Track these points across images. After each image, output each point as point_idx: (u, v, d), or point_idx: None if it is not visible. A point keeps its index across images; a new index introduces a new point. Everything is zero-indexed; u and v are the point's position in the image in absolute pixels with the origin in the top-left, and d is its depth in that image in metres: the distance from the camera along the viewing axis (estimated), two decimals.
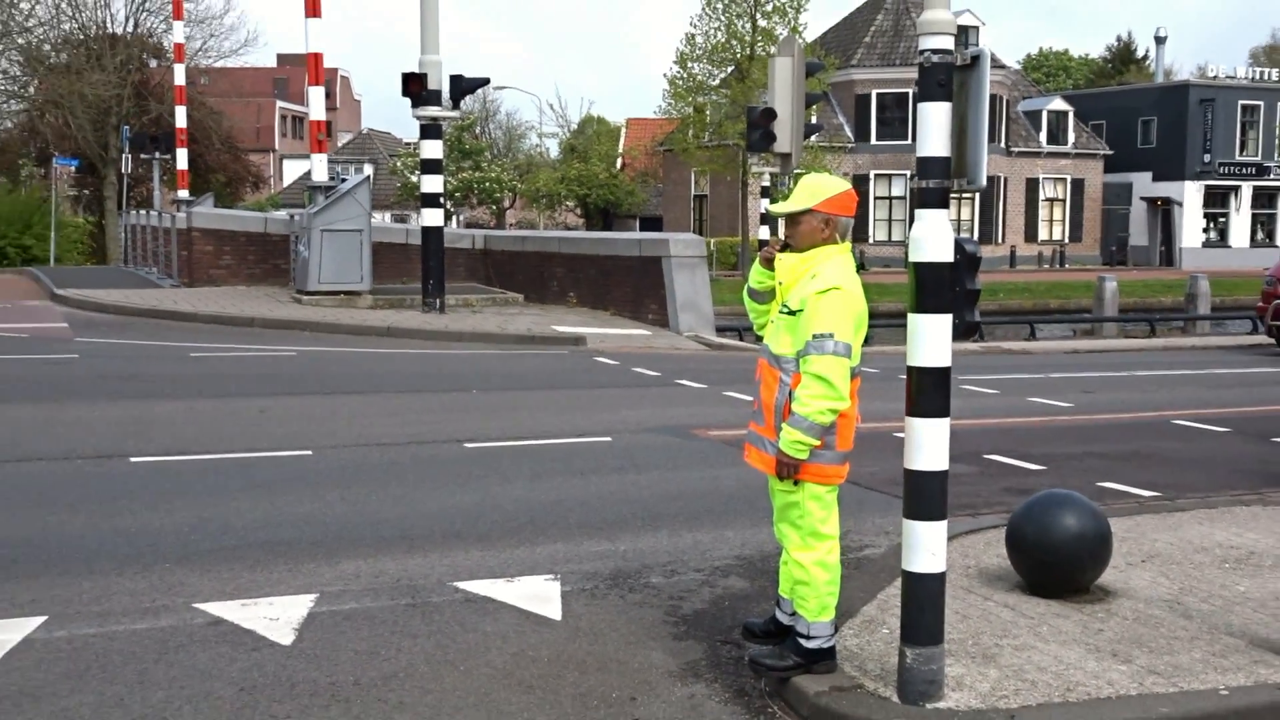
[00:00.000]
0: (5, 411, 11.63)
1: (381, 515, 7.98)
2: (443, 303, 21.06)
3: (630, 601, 6.34)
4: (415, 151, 25.64)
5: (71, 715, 4.82)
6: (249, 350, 16.82)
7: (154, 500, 8.26)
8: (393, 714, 4.90)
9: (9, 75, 53.48)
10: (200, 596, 6.21)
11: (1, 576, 6.48)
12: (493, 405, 12.78)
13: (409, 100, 20.75)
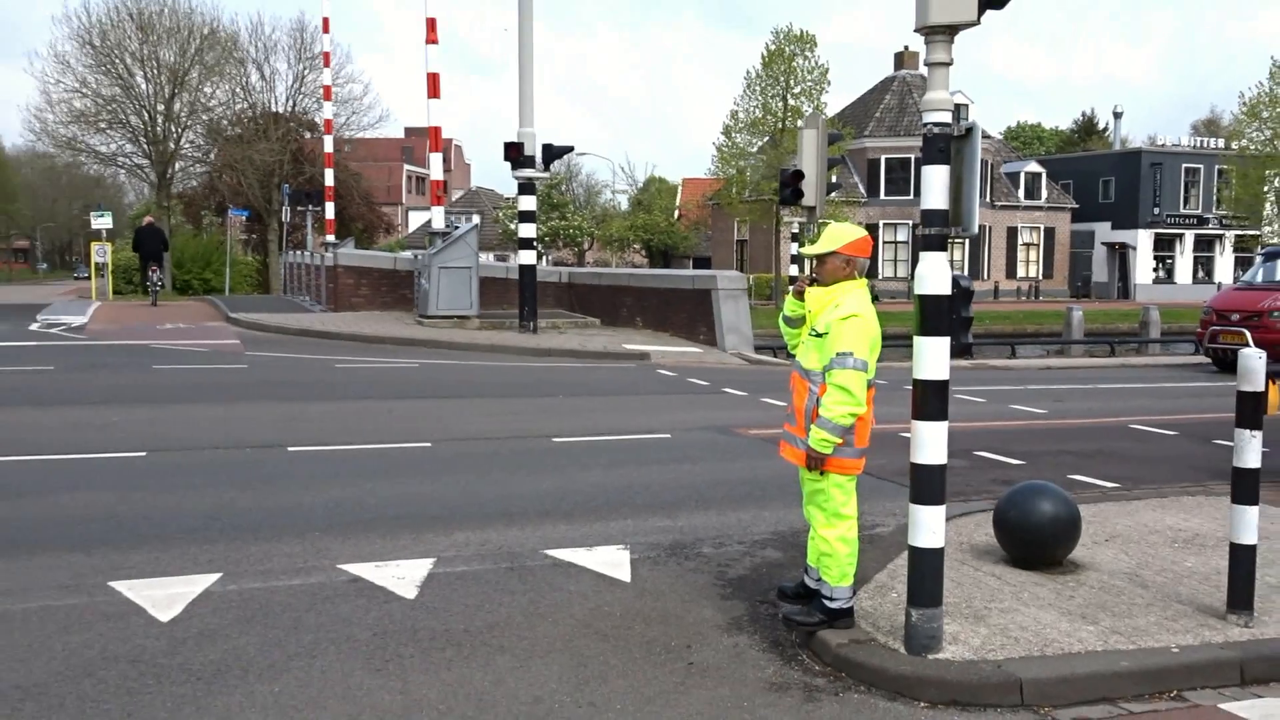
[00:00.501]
0: (191, 410, 11.80)
1: (486, 495, 8.00)
2: (535, 325, 21.13)
3: (686, 568, 6.30)
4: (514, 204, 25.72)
5: (240, 651, 4.86)
6: (381, 362, 16.95)
7: (306, 482, 8.33)
8: (495, 656, 4.90)
9: (196, 145, 54.45)
10: (342, 559, 6.25)
11: (186, 541, 6.56)
12: (574, 408, 12.79)
13: (509, 163, 20.83)
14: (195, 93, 51.73)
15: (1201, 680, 4.72)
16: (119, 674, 4.58)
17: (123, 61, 49.91)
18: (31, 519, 6.98)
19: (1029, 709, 4.48)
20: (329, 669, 4.70)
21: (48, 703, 4.30)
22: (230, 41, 52.02)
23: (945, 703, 4.51)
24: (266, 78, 53.24)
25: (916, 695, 4.56)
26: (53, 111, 50.38)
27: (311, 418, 11.41)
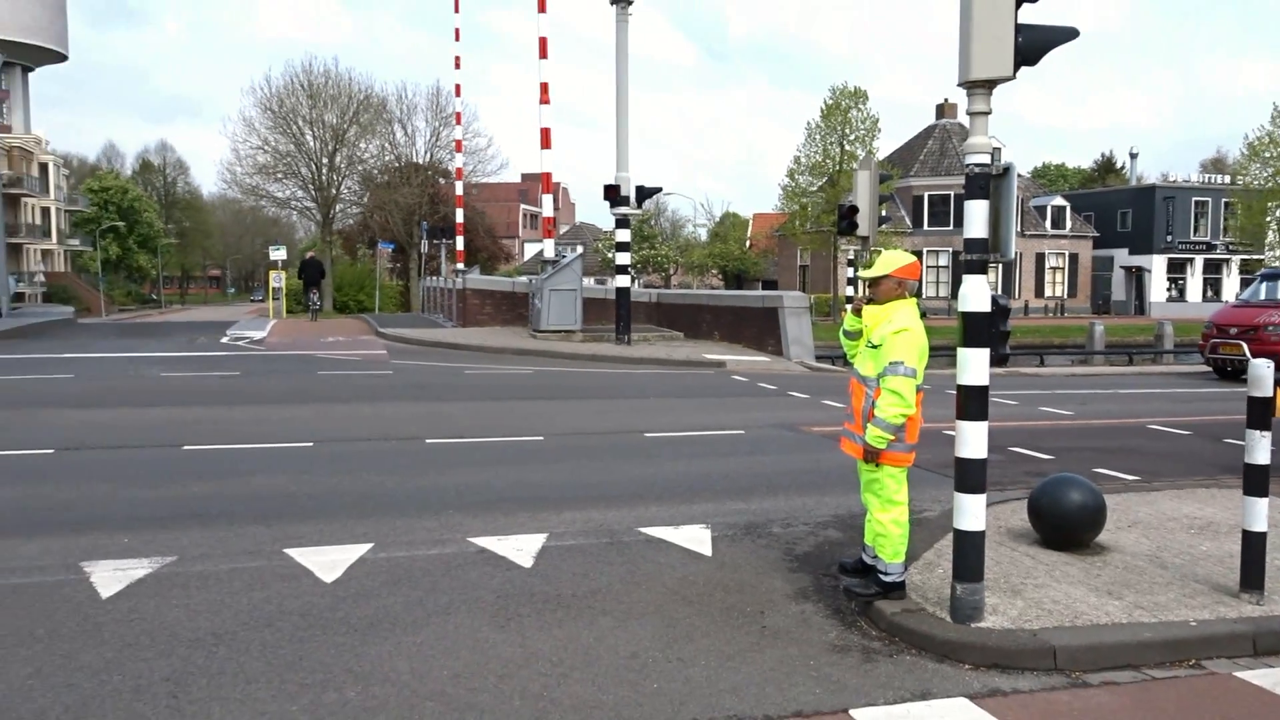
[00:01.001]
0: (348, 408, 12.02)
1: (589, 481, 8.01)
2: (629, 338, 21.14)
3: (759, 544, 6.23)
4: (611, 236, 25.75)
5: (389, 609, 4.93)
6: (501, 369, 17.12)
7: (441, 468, 8.42)
8: (598, 617, 4.89)
9: (352, 190, 55.74)
10: (472, 533, 6.30)
11: (345, 516, 6.67)
12: (662, 408, 12.76)
13: (608, 202, 20.91)
14: (352, 147, 53.04)
15: (1217, 650, 4.52)
16: (292, 625, 4.67)
17: (295, 123, 51.38)
18: (226, 496, 7.17)
19: (1061, 672, 4.33)
20: (461, 625, 4.74)
21: (237, 647, 4.40)
22: (380, 105, 53.20)
23: (987, 665, 4.38)
24: (409, 134, 54.29)
25: (961, 658, 4.43)
26: (240, 165, 52.11)
27: (445, 415, 11.56)
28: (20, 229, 65.55)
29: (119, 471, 7.97)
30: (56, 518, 6.45)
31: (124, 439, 9.43)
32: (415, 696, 3.96)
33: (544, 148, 22.98)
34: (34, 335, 24.14)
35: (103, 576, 5.26)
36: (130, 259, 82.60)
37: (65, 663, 4.19)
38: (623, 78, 20.82)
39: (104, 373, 15.41)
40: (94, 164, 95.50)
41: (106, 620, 4.68)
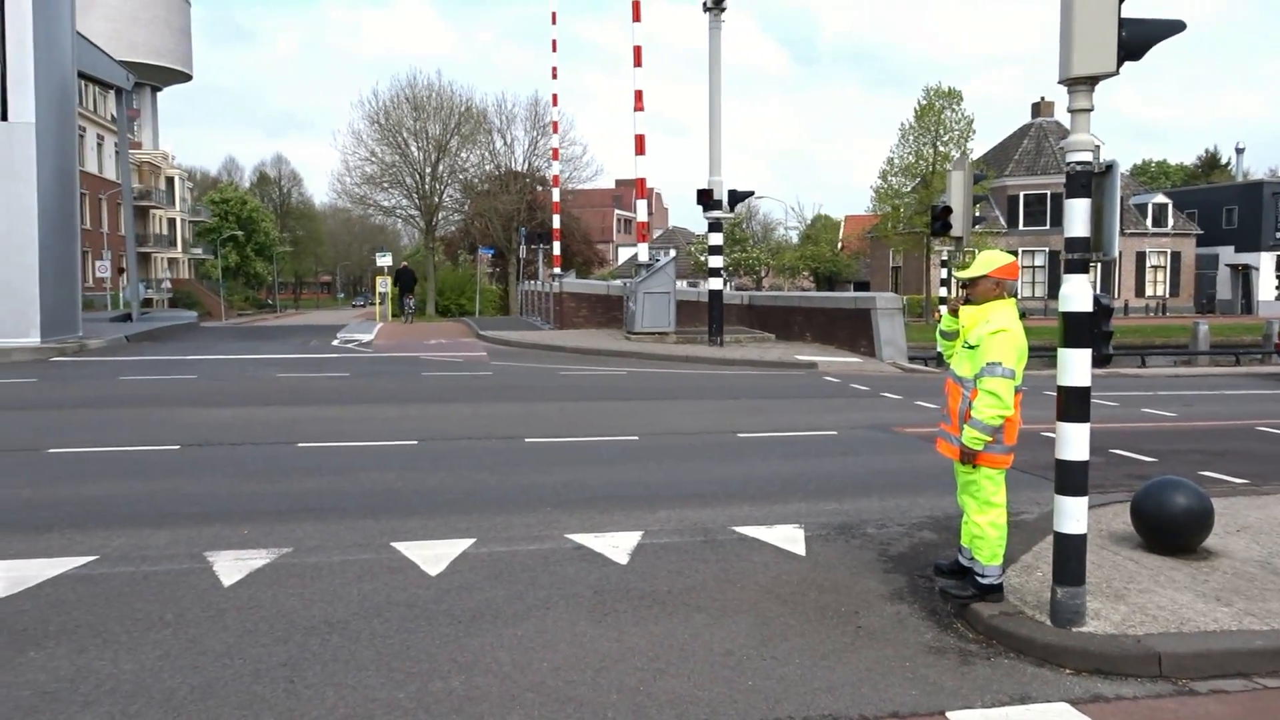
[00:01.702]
0: (450, 408, 12.25)
1: (683, 480, 7.99)
2: (721, 339, 21.06)
3: (852, 545, 6.13)
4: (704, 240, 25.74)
5: (490, 602, 4.99)
6: (596, 370, 17.25)
7: (539, 466, 8.50)
8: (693, 614, 4.87)
9: (454, 198, 56.90)
10: (569, 530, 6.34)
11: (448, 512, 6.80)
12: (754, 408, 12.67)
13: (701, 206, 20.89)
14: (454, 157, 54.16)
15: None
16: (399, 615, 4.78)
17: (400, 135, 52.69)
18: (337, 491, 7.38)
19: (1167, 680, 4.15)
20: (559, 619, 4.78)
21: (348, 635, 4.52)
22: (481, 116, 54.18)
23: (1088, 671, 4.22)
24: (508, 143, 55.16)
25: (1061, 663, 4.28)
26: (349, 176, 53.72)
27: (543, 414, 11.68)
28: (149, 239, 68.77)
29: (239, 467, 8.28)
30: (183, 510, 6.73)
31: (243, 436, 9.79)
32: (516, 687, 4.00)
33: (638, 154, 23.08)
34: (161, 338, 25.28)
35: (225, 566, 5.47)
36: (248, 266, 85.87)
37: (191, 646, 4.36)
38: (715, 83, 20.77)
39: (225, 374, 16.03)
40: (215, 177, 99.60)
41: (228, 607, 4.86)
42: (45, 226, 19.98)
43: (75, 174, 23.34)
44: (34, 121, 19.60)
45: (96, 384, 14.49)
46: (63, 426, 10.43)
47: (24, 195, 19.47)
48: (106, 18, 66.07)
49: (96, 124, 57.96)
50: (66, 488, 7.42)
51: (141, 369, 16.64)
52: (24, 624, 4.60)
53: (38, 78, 19.79)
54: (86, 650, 4.30)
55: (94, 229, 54.33)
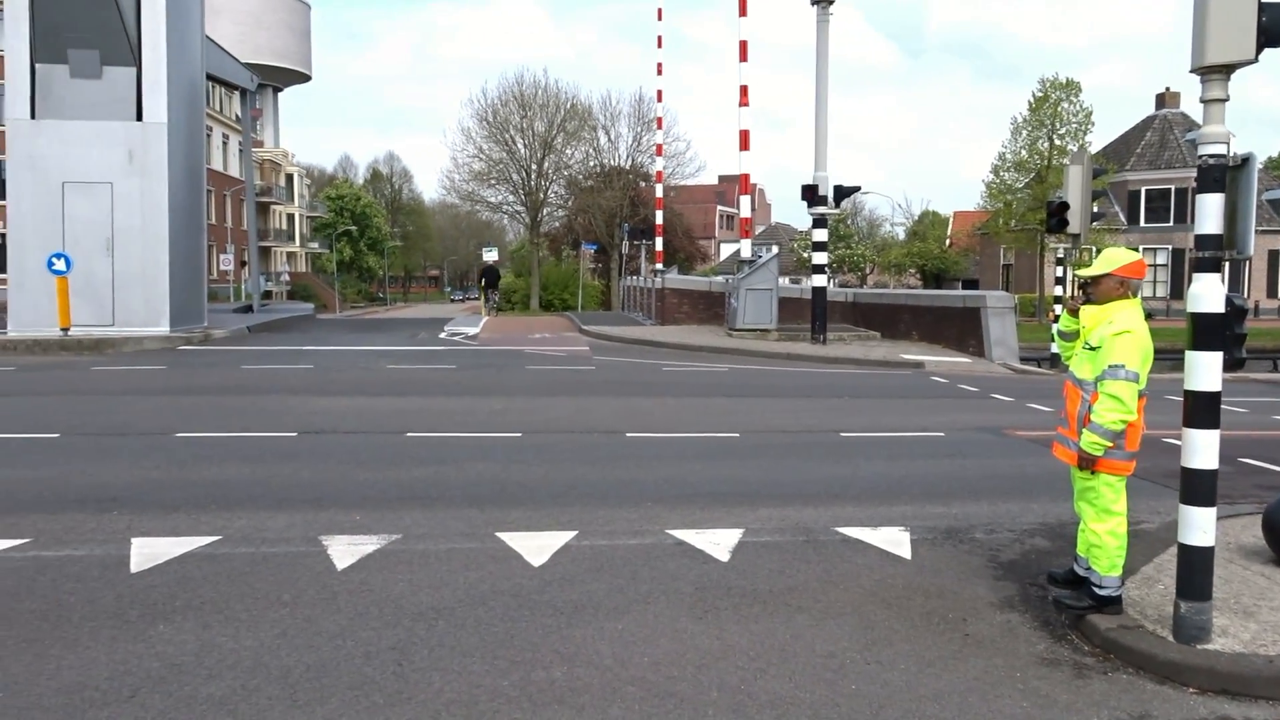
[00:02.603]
0: (554, 402, 12.39)
1: (785, 479, 7.91)
2: (825, 337, 20.80)
3: (960, 550, 5.97)
4: (808, 236, 25.55)
5: (592, 594, 5.03)
6: (697, 366, 17.21)
7: (640, 461, 8.53)
8: (794, 614, 4.82)
9: (558, 194, 57.63)
10: (670, 526, 6.34)
11: (551, 504, 6.87)
12: (858, 408, 12.47)
13: (805, 202, 20.65)
14: (559, 154, 54.86)
15: None
16: (503, 604, 4.86)
17: (508, 132, 53.62)
18: (444, 481, 7.55)
19: None
20: (660, 614, 4.78)
21: (454, 622, 4.62)
22: (586, 112, 54.71)
23: (1214, 691, 4.01)
24: (612, 139, 55.55)
25: (1185, 681, 4.08)
26: (458, 172, 55.00)
27: (644, 410, 11.72)
28: (269, 233, 71.66)
29: (351, 454, 8.55)
30: (299, 495, 6.99)
31: (356, 425, 10.10)
32: (617, 680, 4.02)
33: (742, 149, 22.94)
34: (280, 329, 26.29)
35: (338, 550, 5.65)
36: (361, 260, 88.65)
37: (306, 626, 4.52)
38: (822, 77, 20.48)
39: (338, 364, 16.58)
40: (331, 174, 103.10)
41: (341, 590, 5.02)
42: (175, 221, 20.98)
43: (203, 171, 24.46)
44: (166, 122, 20.61)
45: (220, 372, 15.16)
46: (189, 412, 10.95)
47: (156, 192, 20.49)
48: (233, 22, 69.00)
49: (222, 123, 60.63)
50: (192, 470, 7.78)
51: (261, 358, 17.34)
52: (154, 598, 4.84)
53: (170, 81, 20.80)
54: (210, 626, 4.50)
55: (219, 224, 56.88)
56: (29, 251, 19.75)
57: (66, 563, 5.36)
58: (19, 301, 19.99)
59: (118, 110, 20.45)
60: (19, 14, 19.85)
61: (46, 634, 4.38)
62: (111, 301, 20.27)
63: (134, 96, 20.54)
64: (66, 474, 7.57)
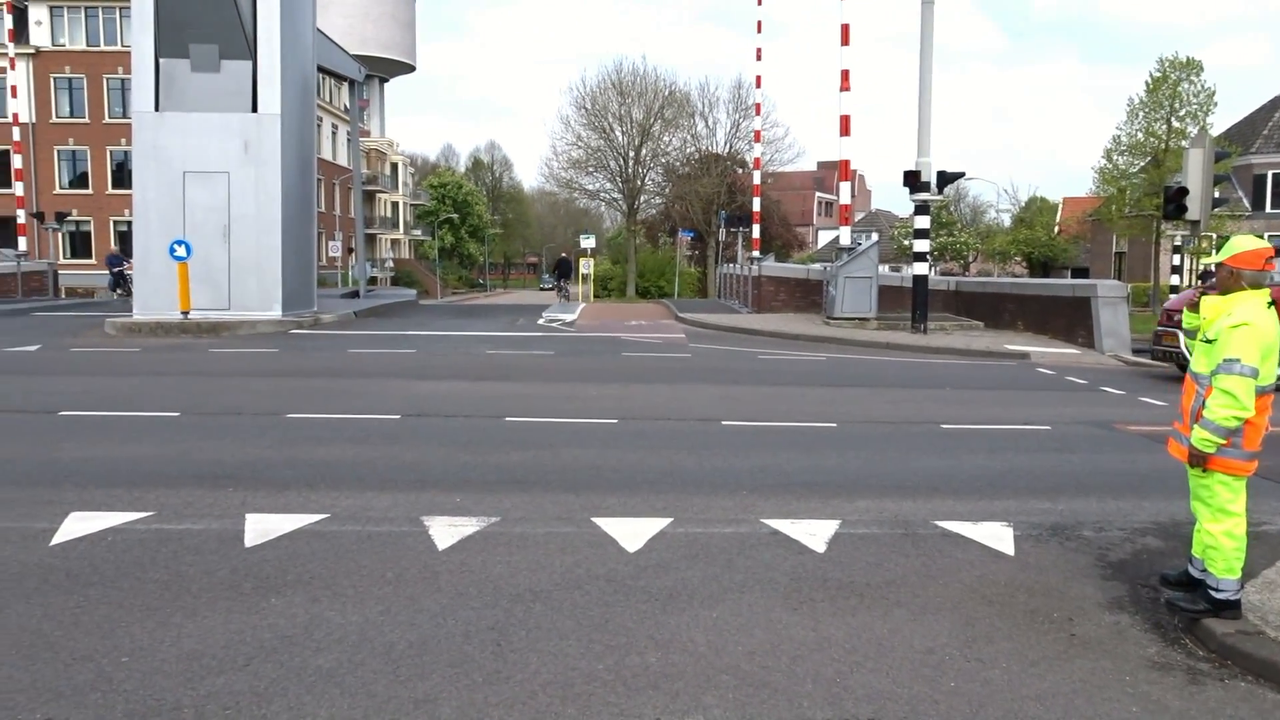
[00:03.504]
0: (649, 389, 12.42)
1: (882, 470, 7.78)
2: (925, 326, 20.35)
3: (1066, 548, 5.77)
4: (908, 223, 25.11)
5: (687, 582, 5.04)
6: (794, 355, 17.05)
7: (736, 449, 8.49)
8: (892, 609, 4.74)
9: (655, 182, 57.70)
10: (764, 515, 6.30)
11: (646, 490, 6.89)
12: (959, 399, 12.17)
13: (907, 188, 20.21)
14: (657, 141, 54.92)
15: None
16: (599, 589, 4.91)
17: (606, 120, 53.91)
18: (541, 465, 7.66)
19: None
20: (755, 603, 4.76)
21: (551, 605, 4.69)
22: (684, 99, 54.61)
23: None
24: (710, 126, 55.37)
25: None
26: (556, 160, 55.63)
27: (740, 398, 11.66)
28: (375, 221, 73.62)
29: (452, 437, 8.74)
30: (402, 476, 7.18)
31: (456, 409, 10.33)
32: (711, 669, 4.03)
33: (843, 135, 22.58)
34: (384, 314, 27.02)
35: (439, 530, 5.79)
36: (462, 247, 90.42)
37: (409, 604, 4.65)
38: (926, 60, 19.99)
39: (440, 349, 16.96)
40: (434, 162, 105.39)
41: (442, 570, 5.15)
42: (287, 209, 21.74)
43: (313, 161, 25.26)
44: (280, 113, 21.34)
45: (328, 355, 15.68)
46: (299, 393, 11.36)
47: (270, 180, 21.27)
48: (342, 15, 70.96)
49: (331, 114, 62.50)
50: (302, 450, 8.07)
51: (367, 343, 17.86)
52: (267, 572, 5.05)
53: (284, 73, 21.52)
54: (319, 600, 4.67)
55: (327, 212, 58.73)
56: (153, 238, 20.73)
57: (186, 536, 5.63)
58: (144, 286, 21.02)
59: (235, 102, 21.27)
60: (144, 12, 20.80)
61: (168, 603, 4.61)
62: (228, 286, 21.15)
63: (250, 89, 21.33)
64: (186, 451, 7.94)
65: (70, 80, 50.29)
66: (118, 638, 4.20)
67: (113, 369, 13.67)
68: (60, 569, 5.06)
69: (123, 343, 17.61)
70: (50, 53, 49.76)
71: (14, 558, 5.22)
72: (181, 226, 20.66)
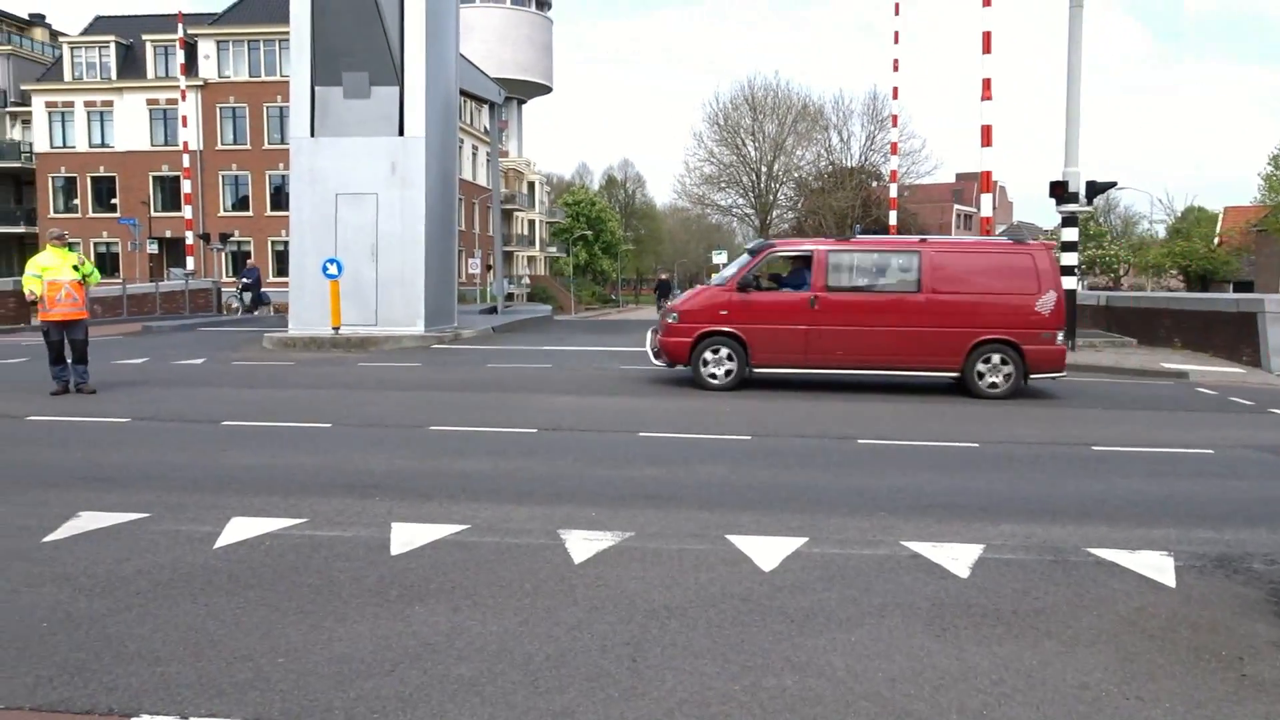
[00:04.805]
0: (781, 404, 12.29)
1: (1029, 493, 7.45)
2: (1073, 343, 19.41)
3: (1234, 581, 5.38)
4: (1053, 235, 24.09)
5: (824, 603, 4.93)
6: (930, 373, 16.52)
7: (872, 469, 8.30)
8: (1041, 639, 4.51)
9: (788, 196, 57.27)
10: (904, 537, 6.13)
11: (780, 509, 6.80)
12: (1110, 419, 11.55)
13: (1054, 199, 19.42)
14: (790, 156, 54.54)
15: None
16: (733, 608, 4.86)
17: (738, 135, 53.91)
18: (674, 481, 7.66)
19: None
20: (895, 628, 4.62)
21: (686, 621, 4.67)
22: (817, 113, 54.07)
23: None
24: (844, 139, 54.64)
25: None
26: (689, 176, 55.94)
27: (874, 415, 11.40)
28: (512, 238, 75.63)
29: (587, 452, 8.85)
30: (539, 489, 7.31)
31: (591, 423, 10.46)
32: (850, 694, 3.93)
33: (984, 145, 21.89)
34: (521, 330, 27.68)
35: (575, 544, 5.86)
36: (595, 263, 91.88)
37: (546, 616, 4.72)
38: (1075, 67, 19.20)
39: (574, 364, 17.23)
40: (569, 180, 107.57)
41: (578, 583, 5.20)
42: (430, 228, 22.56)
43: (455, 181, 26.15)
44: (424, 136, 22.20)
45: (468, 370, 16.14)
46: (441, 406, 11.73)
47: (414, 200, 22.12)
48: (482, 40, 73.34)
49: (471, 135, 64.62)
50: (444, 461, 8.32)
51: (505, 357, 18.32)
52: (411, 580, 5.21)
53: (428, 98, 22.39)
54: (460, 609, 4.79)
55: (467, 230, 60.68)
56: (308, 257, 21.85)
57: (336, 542, 5.87)
58: (299, 302, 22.16)
59: (382, 126, 22.25)
60: (302, 44, 22.01)
61: (320, 607, 4.82)
62: (375, 303, 22.07)
63: (397, 113, 22.27)
64: (336, 461, 8.30)
65: (234, 109, 53.67)
66: (274, 639, 4.41)
67: (270, 381, 14.44)
68: (223, 571, 5.35)
69: (279, 357, 18.61)
70: (216, 84, 53.22)
71: (183, 559, 5.56)
72: (333, 245, 21.69)
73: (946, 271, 13.11)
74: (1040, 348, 13.08)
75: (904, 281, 13.27)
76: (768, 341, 13.39)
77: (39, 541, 5.87)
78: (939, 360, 13.25)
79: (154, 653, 4.24)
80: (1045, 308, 12.97)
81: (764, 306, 13.48)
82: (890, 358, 13.32)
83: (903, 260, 13.33)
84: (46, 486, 7.28)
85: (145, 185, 54.04)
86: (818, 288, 13.30)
